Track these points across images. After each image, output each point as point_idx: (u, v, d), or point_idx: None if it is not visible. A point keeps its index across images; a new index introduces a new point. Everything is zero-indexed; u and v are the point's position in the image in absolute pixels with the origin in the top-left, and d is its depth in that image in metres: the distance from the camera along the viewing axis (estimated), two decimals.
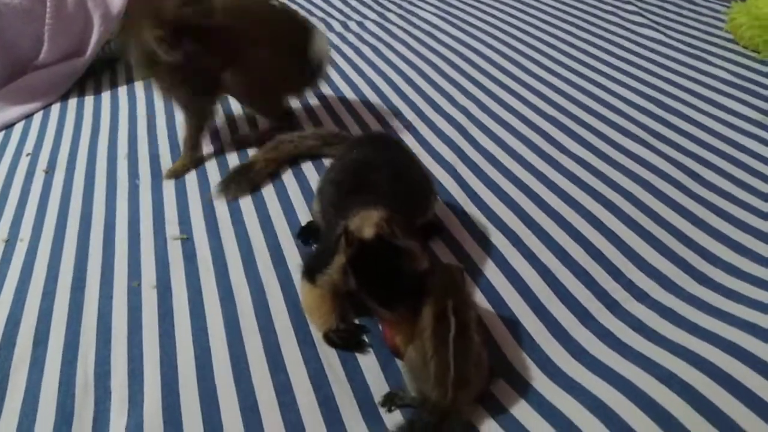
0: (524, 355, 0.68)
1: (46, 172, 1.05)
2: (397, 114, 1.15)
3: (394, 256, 0.63)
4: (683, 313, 0.69)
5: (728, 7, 1.32)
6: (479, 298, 0.74)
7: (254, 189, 0.96)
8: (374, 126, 1.11)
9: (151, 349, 0.71)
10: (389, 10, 1.63)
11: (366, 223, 0.64)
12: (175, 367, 0.69)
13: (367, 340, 0.70)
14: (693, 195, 0.87)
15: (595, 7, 1.53)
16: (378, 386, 0.65)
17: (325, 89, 1.25)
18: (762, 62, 1.20)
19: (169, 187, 0.98)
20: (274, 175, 0.98)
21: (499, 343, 0.69)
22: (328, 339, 0.69)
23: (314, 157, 1.02)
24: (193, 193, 0.96)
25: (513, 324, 0.71)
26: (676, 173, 0.92)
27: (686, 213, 0.84)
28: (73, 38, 1.29)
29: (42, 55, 1.26)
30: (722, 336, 0.64)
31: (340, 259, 0.65)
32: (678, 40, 1.32)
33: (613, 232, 0.82)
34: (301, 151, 1.00)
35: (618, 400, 0.59)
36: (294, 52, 1.01)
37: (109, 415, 0.65)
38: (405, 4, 1.66)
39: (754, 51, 1.23)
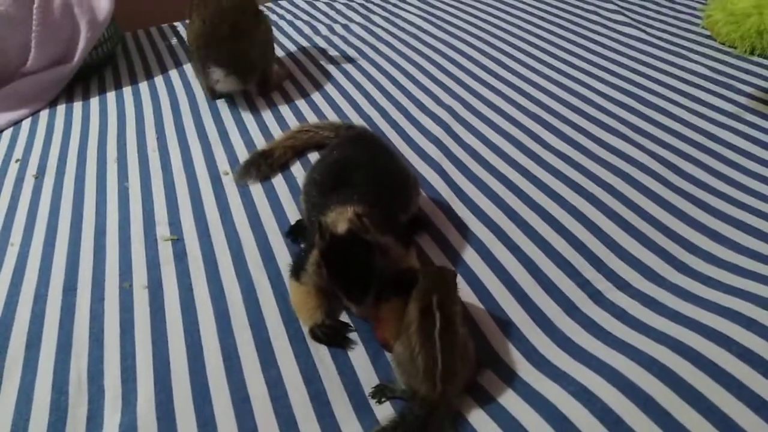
0: (510, 345, 0.69)
1: (36, 177, 1.06)
2: (384, 114, 1.16)
3: (365, 249, 0.66)
4: (664, 300, 0.71)
5: (705, 4, 1.35)
6: (465, 290, 0.76)
7: (271, 176, 1.00)
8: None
9: (143, 347, 0.72)
10: (374, 13, 1.64)
11: (340, 218, 0.67)
12: (168, 364, 0.70)
13: (356, 336, 0.71)
14: (672, 186, 0.90)
15: (576, 6, 1.56)
16: (368, 380, 0.66)
17: (312, 90, 1.27)
18: (738, 57, 1.23)
19: (158, 189, 0.99)
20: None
21: (486, 334, 0.71)
22: (314, 334, 0.71)
23: (322, 147, 1.04)
24: (182, 195, 0.97)
25: (499, 315, 0.73)
26: (656, 166, 0.94)
27: (666, 204, 0.86)
28: (60, 45, 1.29)
29: (29, 62, 1.26)
30: (701, 322, 0.66)
31: (316, 254, 0.68)
32: (658, 38, 1.35)
33: (595, 224, 0.84)
34: (317, 141, 1.04)
35: (601, 385, 0.61)
36: None
37: (103, 412, 0.66)
38: (390, 7, 1.68)
39: (730, 47, 1.26)
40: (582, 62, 1.28)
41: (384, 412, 0.63)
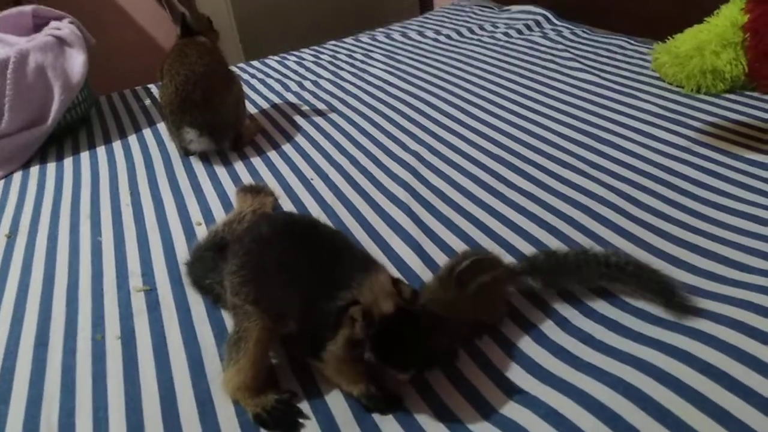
0: (482, 374, 0.70)
1: (8, 237, 1.06)
2: (353, 161, 1.20)
3: (414, 324, 0.63)
4: (628, 324, 0.73)
5: (652, 48, 1.43)
6: None
7: None
8: (333, 175, 1.16)
9: (116, 396, 0.72)
10: (342, 69, 1.71)
11: (379, 294, 0.62)
12: (141, 412, 0.69)
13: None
14: (630, 216, 0.93)
15: (534, 56, 1.64)
16: (343, 417, 0.67)
17: (283, 142, 1.31)
18: (686, 96, 1.30)
19: (131, 242, 1.00)
20: None
21: (458, 366, 0.72)
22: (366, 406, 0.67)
23: None
24: (155, 246, 0.98)
25: (470, 348, 0.74)
26: (614, 198, 0.98)
27: (625, 233, 0.90)
28: (34, 108, 1.32)
29: (2, 125, 1.28)
30: (663, 341, 0.68)
31: (345, 333, 0.62)
32: (611, 81, 1.42)
33: None
34: None
35: (569, 407, 0.62)
36: None
37: None
38: (357, 63, 1.75)
39: (678, 86, 1.34)
40: (540, 106, 1.34)
41: None
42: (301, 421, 0.66)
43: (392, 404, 0.67)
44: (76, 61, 1.36)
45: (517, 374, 0.69)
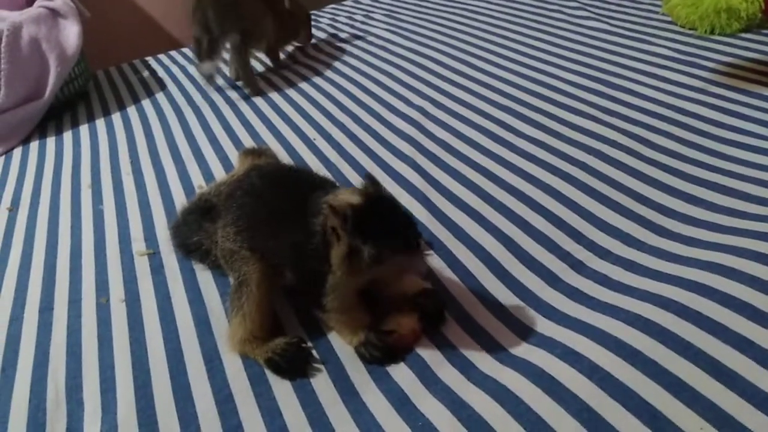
0: (495, 320, 0.68)
1: (10, 210, 1.05)
2: (356, 119, 1.17)
3: (391, 203, 0.62)
4: (645, 263, 0.71)
5: None
6: (449, 274, 0.75)
7: None
8: (336, 134, 1.13)
9: (122, 357, 0.70)
10: (342, 31, 1.67)
11: (343, 197, 0.61)
12: (148, 371, 0.68)
13: None
14: (644, 158, 0.90)
15: (540, 7, 1.59)
16: (353, 364, 0.65)
17: (284, 105, 1.28)
18: (700, 37, 1.25)
19: (133, 208, 0.98)
20: None
21: (470, 312, 0.69)
22: (361, 353, 0.65)
23: None
24: (157, 211, 0.97)
25: (481, 293, 0.72)
26: (627, 141, 0.94)
27: (640, 175, 0.86)
28: (30, 81, 1.30)
29: (0, 101, 1.27)
30: (682, 277, 0.65)
31: (339, 250, 0.60)
32: (621, 27, 1.37)
33: (571, 200, 0.84)
34: None
35: (587, 345, 0.59)
36: None
37: (82, 425, 0.63)
38: (357, 24, 1.70)
39: (691, 29, 1.28)
40: (549, 56, 1.30)
41: (369, 395, 0.61)
42: (313, 365, 0.65)
43: (390, 355, 0.64)
44: (71, 32, 1.33)
45: (531, 318, 0.67)
